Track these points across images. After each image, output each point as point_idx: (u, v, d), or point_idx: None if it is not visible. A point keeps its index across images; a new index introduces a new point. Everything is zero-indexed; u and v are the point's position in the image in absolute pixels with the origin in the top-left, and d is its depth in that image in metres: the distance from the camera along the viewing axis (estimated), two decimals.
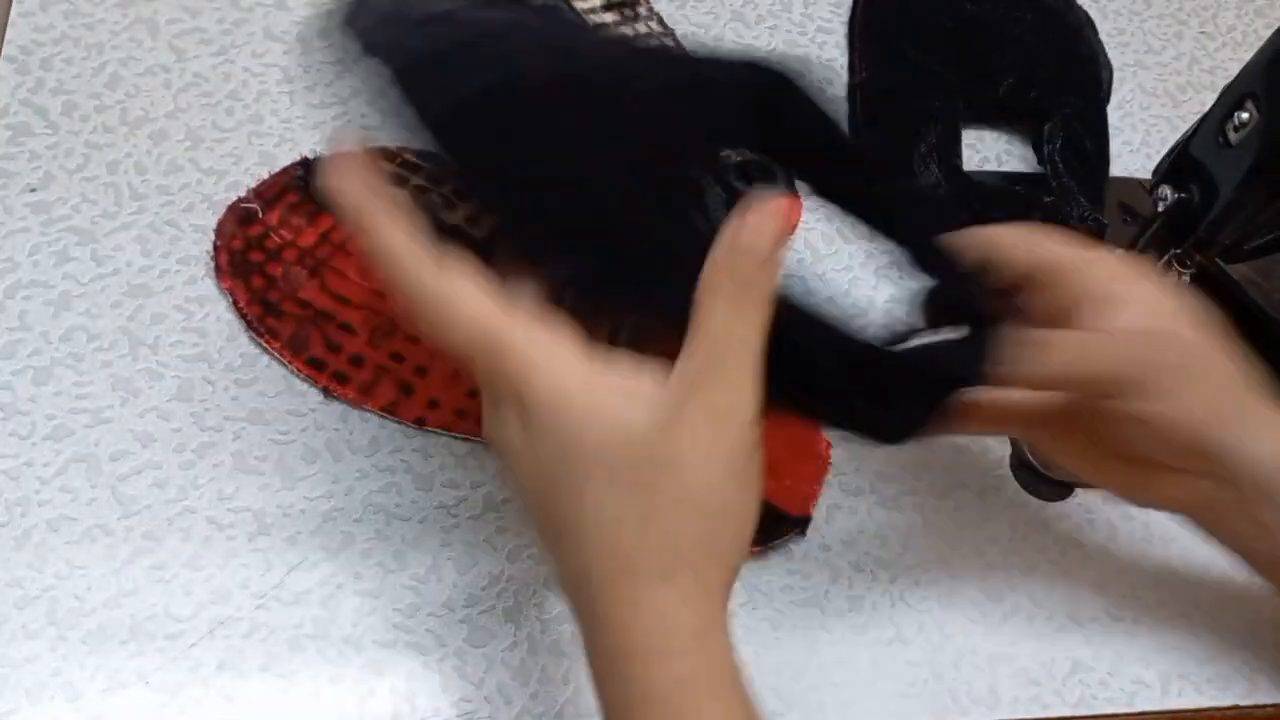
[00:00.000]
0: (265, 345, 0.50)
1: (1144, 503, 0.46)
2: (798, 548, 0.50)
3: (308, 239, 0.53)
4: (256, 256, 0.53)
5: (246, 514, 0.47)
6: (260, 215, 0.54)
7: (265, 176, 0.55)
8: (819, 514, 0.51)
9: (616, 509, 0.32)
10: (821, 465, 0.51)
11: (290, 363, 0.50)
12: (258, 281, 0.52)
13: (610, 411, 0.32)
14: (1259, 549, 0.43)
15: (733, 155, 0.61)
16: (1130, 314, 0.40)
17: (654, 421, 0.32)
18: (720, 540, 0.33)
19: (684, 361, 0.32)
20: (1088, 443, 0.43)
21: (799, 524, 0.49)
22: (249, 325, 0.51)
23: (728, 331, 0.32)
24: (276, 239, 0.53)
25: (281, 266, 0.52)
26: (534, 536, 0.36)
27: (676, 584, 0.32)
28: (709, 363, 0.32)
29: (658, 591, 0.32)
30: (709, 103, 0.38)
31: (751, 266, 0.32)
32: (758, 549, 0.48)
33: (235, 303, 0.51)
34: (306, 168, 0.56)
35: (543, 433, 0.33)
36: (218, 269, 0.52)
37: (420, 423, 0.49)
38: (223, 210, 0.54)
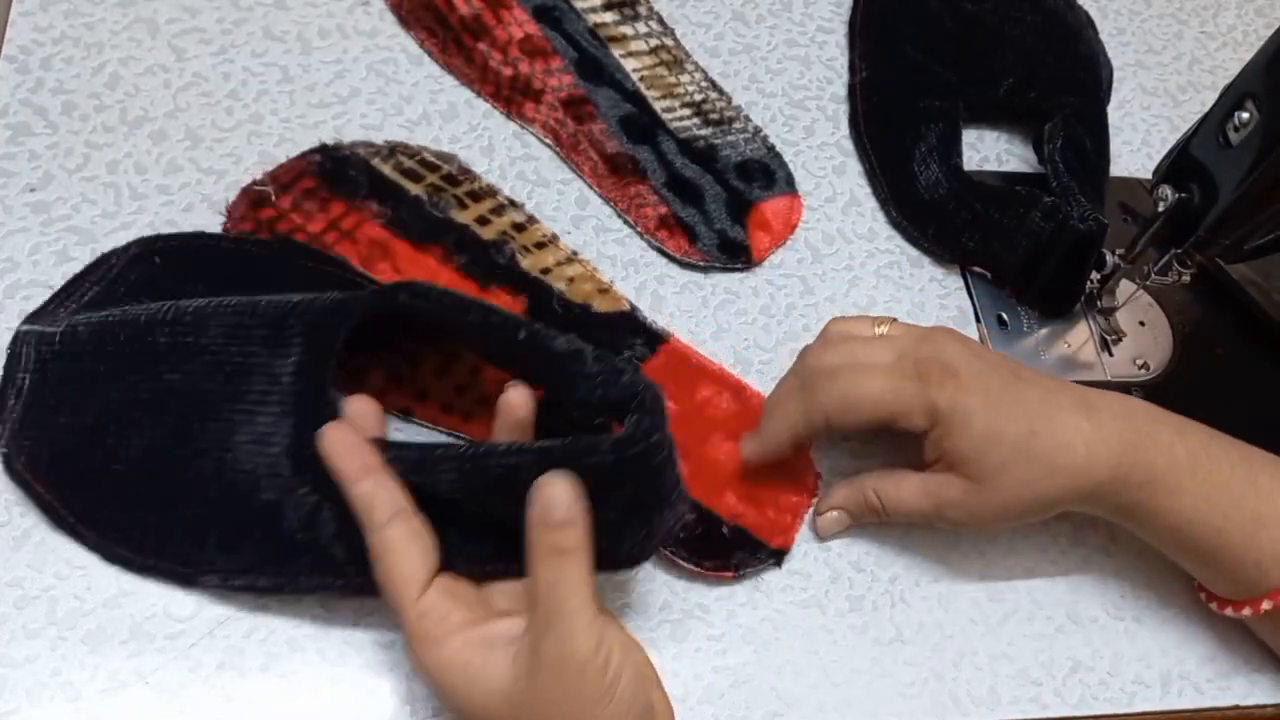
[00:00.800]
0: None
1: None
2: (798, 548, 0.50)
3: (317, 225, 0.54)
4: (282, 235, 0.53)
5: None
6: (273, 199, 0.54)
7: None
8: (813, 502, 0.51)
9: None
10: (806, 499, 0.51)
11: None
12: None
13: (485, 679, 0.38)
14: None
15: (733, 155, 0.61)
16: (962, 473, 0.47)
17: (516, 675, 0.38)
18: None
19: (530, 616, 0.39)
20: None
21: (775, 555, 0.49)
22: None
23: (551, 587, 0.38)
24: (286, 224, 0.53)
25: None
26: None
27: None
28: (543, 618, 0.38)
29: None
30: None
31: (556, 533, 0.38)
32: (729, 574, 0.48)
33: None
34: (324, 154, 0.56)
35: (437, 688, 0.39)
36: None
37: (406, 413, 0.49)
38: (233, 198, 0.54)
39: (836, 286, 0.58)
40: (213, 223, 0.54)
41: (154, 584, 0.45)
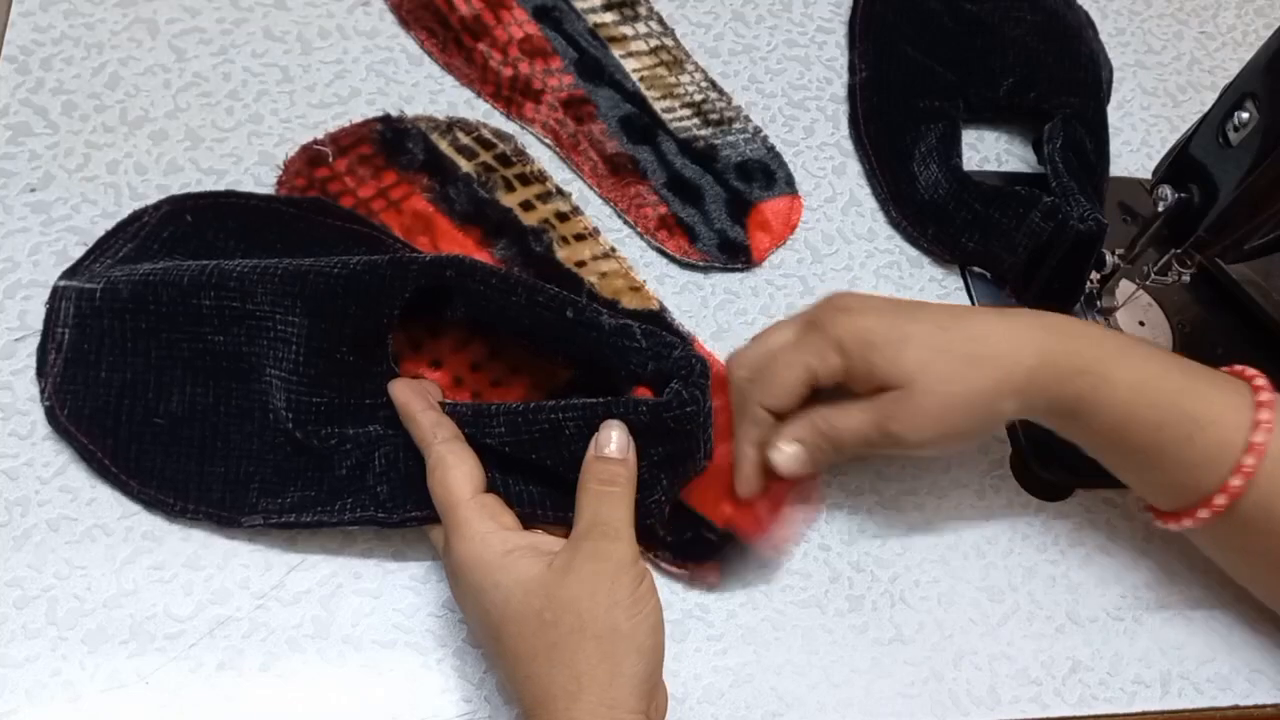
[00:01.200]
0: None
1: None
2: (798, 548, 0.50)
3: (367, 191, 0.55)
4: (313, 195, 0.54)
5: None
6: (330, 160, 0.55)
7: (266, 176, 0.56)
8: (819, 514, 0.51)
9: (529, 646, 0.39)
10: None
11: None
12: None
13: (518, 569, 0.40)
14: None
15: (733, 156, 0.61)
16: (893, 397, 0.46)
17: (552, 569, 0.40)
18: (619, 660, 0.39)
19: (572, 533, 0.42)
20: None
21: (764, 561, 0.49)
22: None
23: (596, 512, 0.42)
24: (338, 185, 0.55)
25: None
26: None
27: (583, 701, 0.38)
28: (587, 528, 0.41)
29: (568, 710, 0.38)
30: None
31: (608, 466, 0.42)
32: (714, 572, 0.48)
33: None
34: (385, 123, 0.57)
35: (469, 589, 0.41)
36: None
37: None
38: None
39: (836, 286, 0.58)
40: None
41: (154, 584, 0.45)
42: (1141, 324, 0.60)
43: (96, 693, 0.42)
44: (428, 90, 0.60)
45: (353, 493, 0.45)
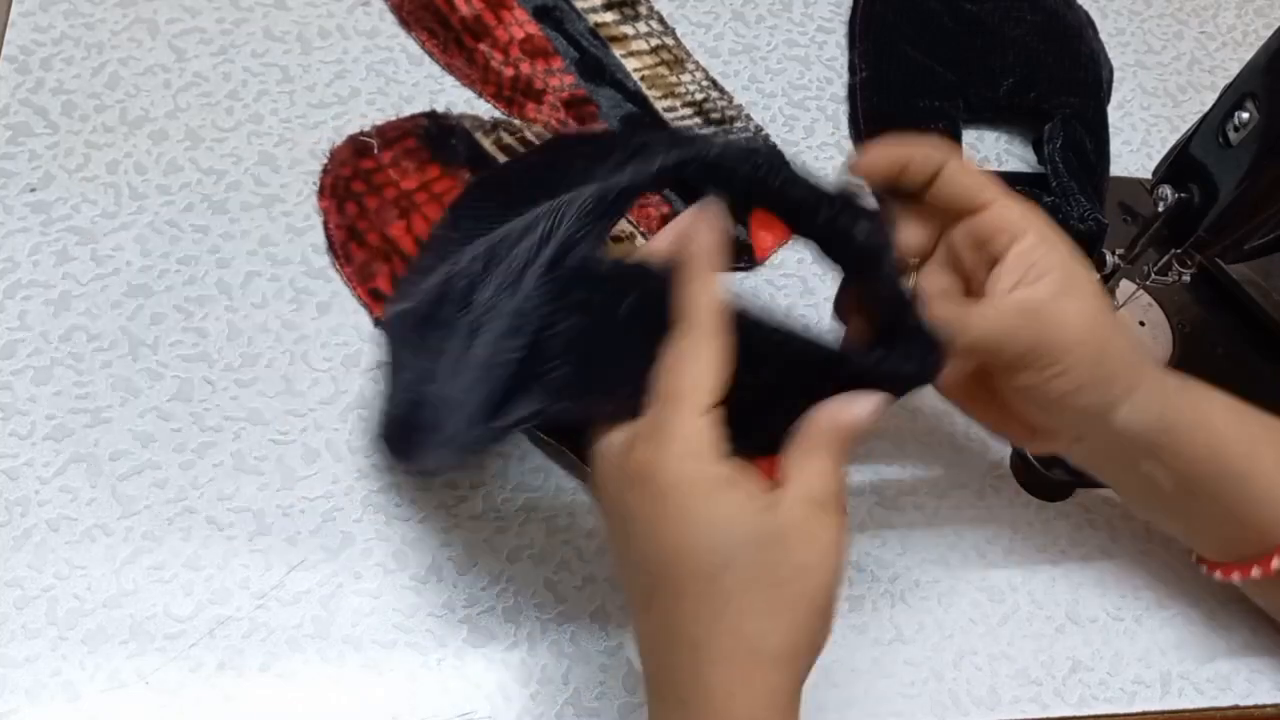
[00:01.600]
0: (338, 268, 0.53)
1: (1044, 451, 0.50)
2: None
3: (410, 183, 0.56)
4: (358, 187, 0.55)
5: (246, 514, 0.47)
6: (375, 151, 0.56)
7: (266, 176, 0.56)
8: None
9: (747, 597, 0.35)
10: None
11: (355, 288, 0.53)
12: (351, 208, 0.55)
13: (731, 499, 0.36)
14: (1140, 495, 0.48)
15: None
16: (1044, 287, 0.42)
17: (796, 528, 0.36)
18: (820, 636, 0.37)
19: (812, 495, 0.37)
20: (990, 402, 0.46)
21: None
22: (330, 246, 0.54)
23: (838, 484, 0.37)
24: (383, 176, 0.56)
25: (378, 201, 0.55)
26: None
27: (788, 670, 0.36)
28: (831, 496, 0.37)
29: (772, 674, 0.35)
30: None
31: (839, 433, 0.38)
32: None
33: (326, 223, 0.55)
34: (431, 118, 0.59)
35: (676, 512, 0.36)
36: (320, 189, 0.55)
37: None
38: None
39: (836, 286, 0.58)
40: (214, 222, 0.54)
41: (154, 584, 0.45)
42: (1141, 324, 0.60)
43: (96, 693, 0.42)
44: (428, 90, 0.60)
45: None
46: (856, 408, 0.39)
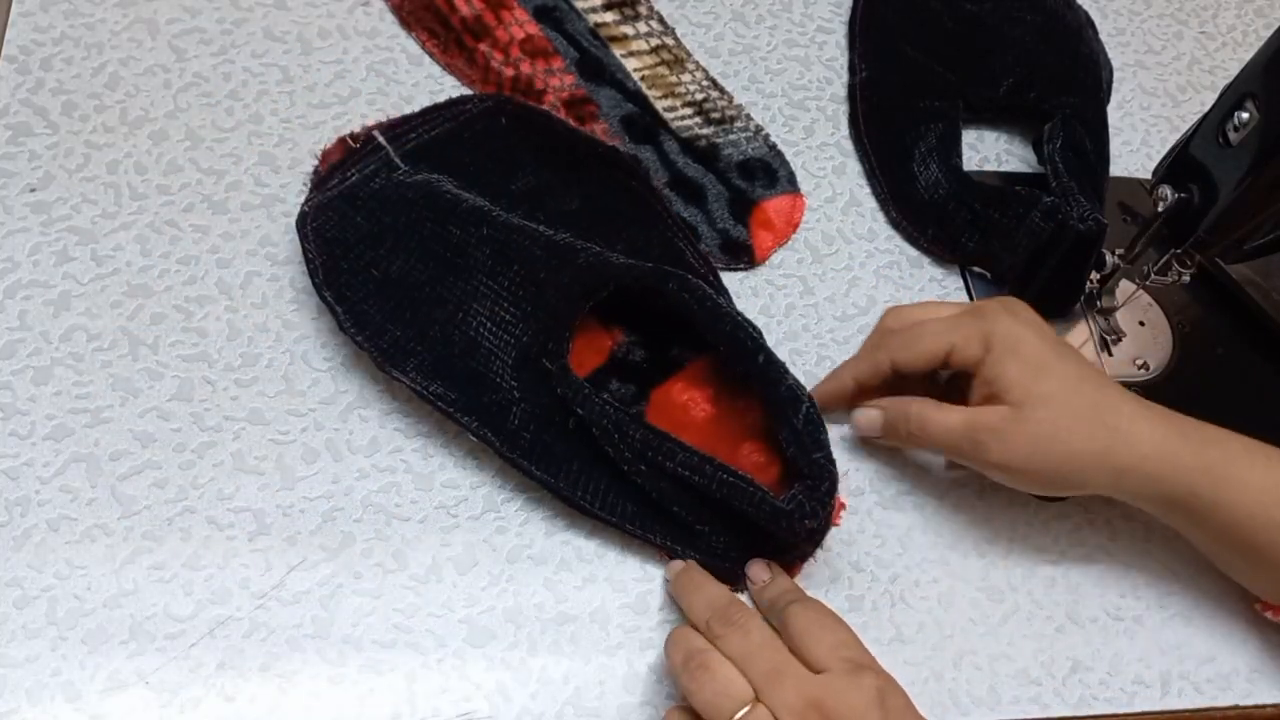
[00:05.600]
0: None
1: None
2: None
3: None
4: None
5: (246, 514, 0.47)
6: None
7: (266, 176, 0.56)
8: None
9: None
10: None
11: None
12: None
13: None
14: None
15: (735, 154, 0.61)
16: (994, 413, 0.47)
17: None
18: None
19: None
20: None
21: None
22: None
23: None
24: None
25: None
26: None
27: None
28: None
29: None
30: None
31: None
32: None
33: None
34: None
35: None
36: (311, 187, 0.54)
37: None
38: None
39: (836, 286, 0.58)
40: (213, 222, 0.54)
41: (154, 584, 0.45)
42: (1141, 324, 0.60)
43: (96, 693, 0.42)
44: (428, 90, 0.60)
45: (496, 419, 0.48)
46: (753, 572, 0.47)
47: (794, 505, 0.45)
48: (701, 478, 0.46)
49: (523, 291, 0.49)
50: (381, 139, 0.54)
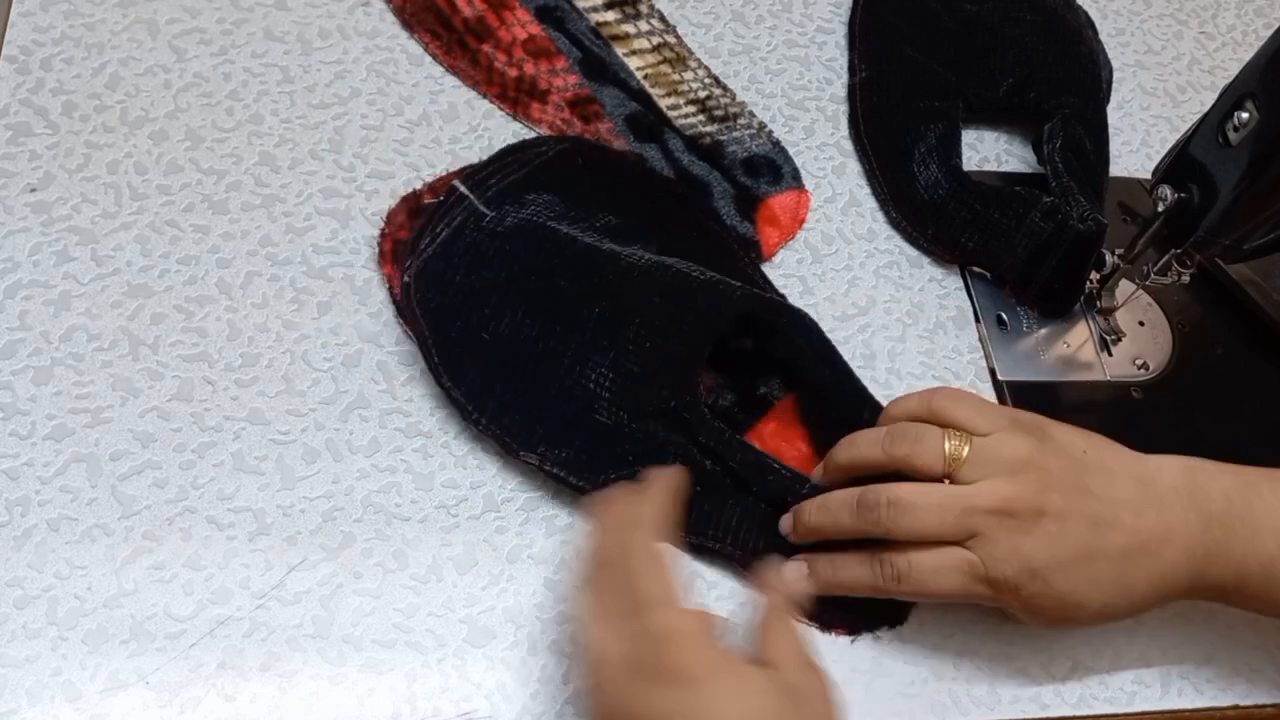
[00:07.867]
0: (406, 329, 0.52)
1: None
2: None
3: None
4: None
5: (246, 514, 0.47)
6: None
7: (266, 176, 0.56)
8: None
9: None
10: None
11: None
12: None
13: (771, 681, 0.40)
14: None
15: (739, 151, 0.61)
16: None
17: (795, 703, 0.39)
18: None
19: (786, 665, 0.41)
20: None
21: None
22: (398, 311, 0.52)
23: (794, 648, 0.42)
24: None
25: None
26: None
27: None
28: (801, 665, 0.41)
29: None
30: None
31: (789, 603, 0.45)
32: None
33: (390, 289, 0.53)
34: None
35: (713, 694, 0.38)
36: (380, 254, 0.54)
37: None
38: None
39: (836, 286, 0.58)
40: (213, 222, 0.54)
41: (154, 584, 0.45)
42: (1141, 324, 0.60)
43: (97, 693, 0.42)
44: (428, 91, 0.61)
45: (622, 470, 0.47)
46: (791, 578, 0.47)
47: None
48: None
49: (649, 344, 0.48)
50: (464, 189, 0.53)
